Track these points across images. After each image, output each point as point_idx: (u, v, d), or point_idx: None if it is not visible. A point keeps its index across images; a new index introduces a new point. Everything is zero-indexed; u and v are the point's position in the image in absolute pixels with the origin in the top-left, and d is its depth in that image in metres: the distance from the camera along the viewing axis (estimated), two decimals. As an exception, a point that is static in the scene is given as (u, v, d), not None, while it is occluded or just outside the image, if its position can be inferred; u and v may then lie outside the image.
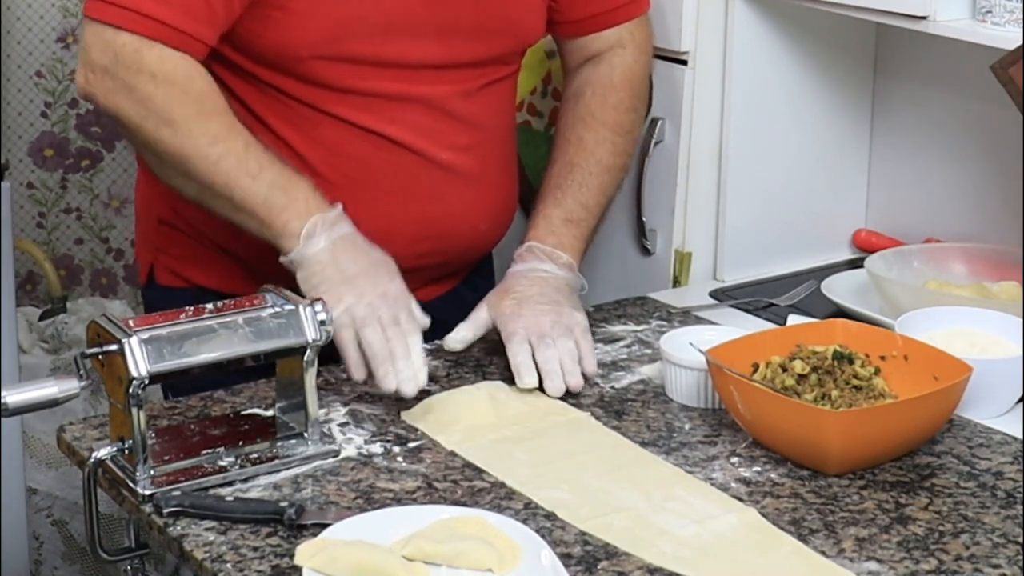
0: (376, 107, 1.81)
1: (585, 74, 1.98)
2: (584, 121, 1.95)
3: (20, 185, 3.19)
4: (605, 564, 1.39)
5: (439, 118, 1.84)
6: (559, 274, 1.86)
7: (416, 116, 1.83)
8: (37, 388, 1.47)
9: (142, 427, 1.49)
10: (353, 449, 1.61)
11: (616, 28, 1.98)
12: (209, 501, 1.47)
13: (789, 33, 2.19)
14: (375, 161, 1.83)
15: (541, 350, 1.74)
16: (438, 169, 1.85)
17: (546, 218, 1.90)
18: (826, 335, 1.70)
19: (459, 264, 1.98)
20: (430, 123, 1.84)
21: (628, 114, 1.98)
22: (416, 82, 1.81)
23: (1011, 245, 2.09)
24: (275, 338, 1.55)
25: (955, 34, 1.90)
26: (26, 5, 3.14)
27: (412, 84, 1.81)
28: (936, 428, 1.61)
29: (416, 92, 1.82)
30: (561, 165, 1.93)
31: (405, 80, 1.81)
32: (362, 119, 1.81)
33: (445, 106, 1.84)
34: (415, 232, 1.86)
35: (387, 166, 1.83)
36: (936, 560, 1.40)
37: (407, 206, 1.85)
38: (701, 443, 1.63)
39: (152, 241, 1.98)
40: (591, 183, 1.93)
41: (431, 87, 1.83)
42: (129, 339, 1.47)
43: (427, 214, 1.86)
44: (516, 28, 1.88)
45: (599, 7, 1.96)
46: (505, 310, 1.79)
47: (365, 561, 1.33)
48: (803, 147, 2.26)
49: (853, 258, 2.30)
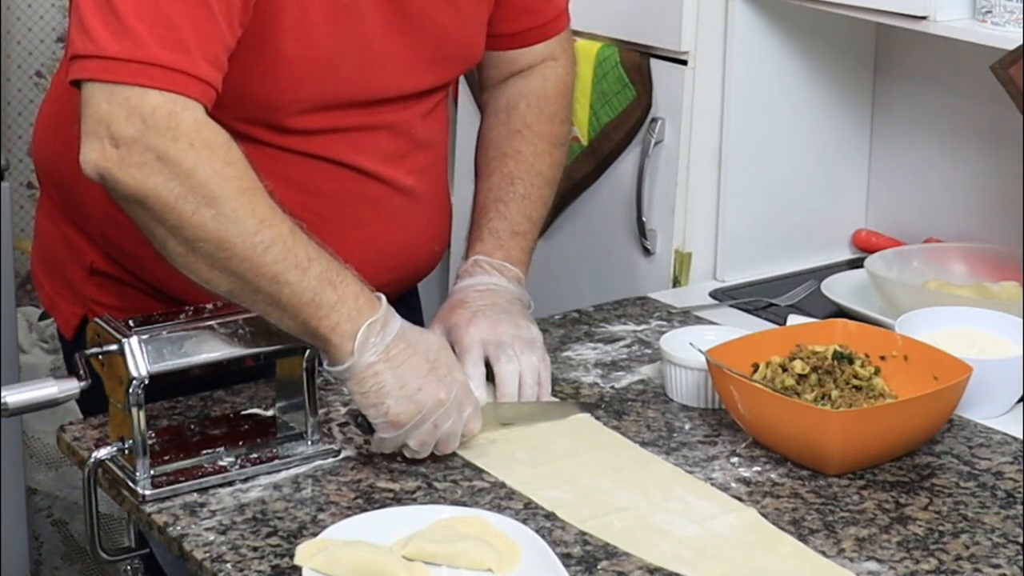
0: (344, 139, 1.72)
1: (516, 87, 1.92)
2: (521, 134, 1.89)
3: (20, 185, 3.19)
4: (605, 564, 1.39)
5: (403, 143, 1.78)
6: (509, 287, 1.81)
7: (383, 143, 1.75)
8: (37, 388, 1.47)
9: (142, 427, 1.49)
10: (353, 449, 1.61)
11: (547, 41, 1.92)
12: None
13: (789, 33, 2.19)
14: (344, 194, 1.74)
15: (502, 363, 1.69)
16: (401, 195, 1.79)
17: (492, 231, 1.84)
18: (826, 335, 1.70)
19: (410, 288, 1.93)
20: (395, 148, 1.77)
21: (563, 126, 1.94)
22: (383, 112, 1.74)
23: (1011, 245, 2.09)
24: (275, 338, 1.54)
25: (955, 34, 1.90)
26: (26, 5, 3.14)
27: (379, 115, 1.74)
28: (936, 428, 1.61)
29: (382, 120, 1.75)
30: (500, 177, 1.87)
31: (373, 113, 1.73)
32: (330, 152, 1.71)
33: (408, 130, 1.78)
34: (382, 262, 1.77)
35: (355, 198, 1.75)
36: (936, 560, 1.40)
37: (375, 236, 1.78)
38: (701, 443, 1.63)
39: (81, 293, 1.80)
40: (534, 195, 1.88)
41: (396, 114, 1.76)
42: (129, 339, 1.47)
43: (393, 242, 1.80)
44: (468, 51, 1.83)
45: (533, 21, 1.90)
46: (460, 320, 1.73)
47: (365, 561, 1.33)
48: (803, 147, 2.27)
49: (853, 258, 2.30)
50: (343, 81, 1.67)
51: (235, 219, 1.45)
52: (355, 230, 1.74)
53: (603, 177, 2.32)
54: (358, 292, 1.52)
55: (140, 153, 1.44)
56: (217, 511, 1.48)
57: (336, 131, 1.70)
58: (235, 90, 1.56)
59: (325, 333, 1.50)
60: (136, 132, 1.44)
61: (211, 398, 1.73)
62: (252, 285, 1.48)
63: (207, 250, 1.46)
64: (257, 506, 1.49)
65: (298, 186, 1.68)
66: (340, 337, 1.50)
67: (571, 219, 2.39)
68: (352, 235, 1.73)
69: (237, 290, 1.49)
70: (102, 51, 1.46)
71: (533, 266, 2.49)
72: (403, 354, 1.53)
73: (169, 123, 1.44)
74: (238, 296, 1.50)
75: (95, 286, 1.78)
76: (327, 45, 1.63)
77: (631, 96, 2.23)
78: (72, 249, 1.80)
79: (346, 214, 1.74)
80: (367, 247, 1.74)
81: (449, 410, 1.54)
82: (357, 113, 1.70)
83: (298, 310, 1.49)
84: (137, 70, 1.45)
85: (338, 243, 1.60)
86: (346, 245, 1.64)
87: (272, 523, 1.46)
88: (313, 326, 1.50)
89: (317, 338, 1.51)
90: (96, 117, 1.45)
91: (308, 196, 1.69)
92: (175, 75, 1.46)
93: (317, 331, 1.50)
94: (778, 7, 2.15)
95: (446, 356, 1.58)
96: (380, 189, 1.76)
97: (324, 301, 1.49)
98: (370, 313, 1.51)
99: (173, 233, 1.47)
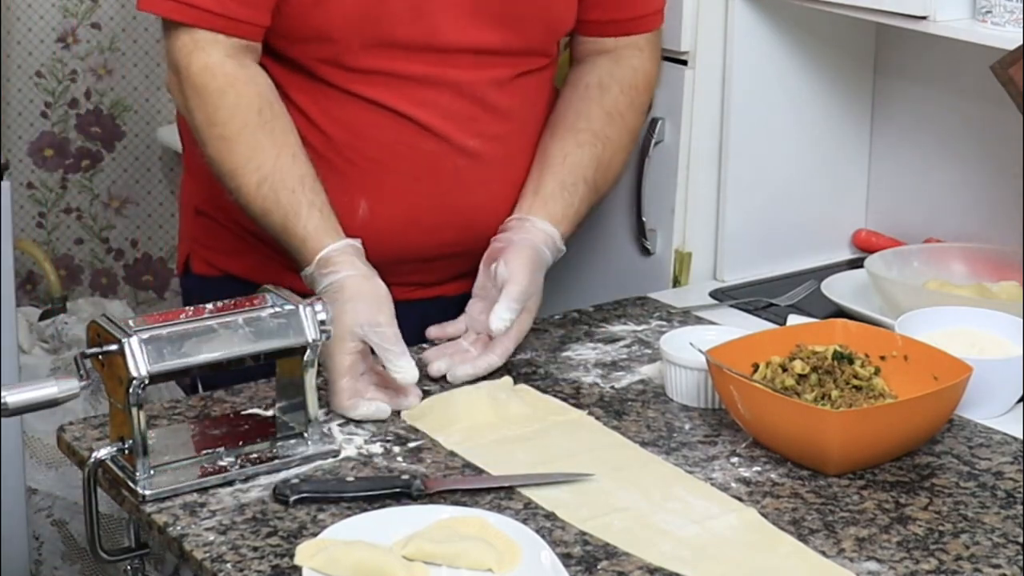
0: (405, 89, 1.80)
1: (606, 68, 1.96)
2: (612, 118, 1.95)
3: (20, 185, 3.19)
4: (605, 564, 1.39)
5: (469, 105, 1.83)
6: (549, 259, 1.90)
7: (446, 101, 1.81)
8: (37, 388, 1.47)
9: (142, 427, 1.49)
10: (353, 449, 1.61)
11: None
12: (331, 484, 1.50)
13: (789, 33, 2.19)
14: (399, 145, 1.81)
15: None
16: (464, 157, 1.84)
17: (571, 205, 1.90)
18: (826, 335, 1.70)
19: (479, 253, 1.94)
20: (459, 109, 1.82)
21: (643, 119, 2.03)
22: (447, 66, 1.80)
23: (1011, 245, 2.09)
24: (275, 338, 1.55)
25: (955, 34, 1.90)
26: (26, 5, 3.14)
27: (443, 68, 1.80)
28: (936, 428, 1.61)
29: (447, 76, 1.80)
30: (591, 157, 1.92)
31: (435, 64, 1.79)
32: (390, 100, 1.80)
33: (476, 92, 1.83)
34: (437, 221, 1.85)
35: (412, 151, 1.82)
36: (936, 560, 1.40)
37: (430, 193, 1.84)
38: (701, 443, 1.63)
39: (189, 231, 2.01)
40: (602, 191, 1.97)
41: (462, 72, 1.81)
42: (129, 339, 1.47)
43: (451, 203, 1.85)
44: (546, 15, 1.86)
45: (624, 13, 1.95)
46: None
47: (365, 561, 1.33)
48: (803, 147, 2.26)
49: (853, 258, 2.30)
50: (393, 17, 1.75)
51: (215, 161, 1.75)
52: (410, 182, 1.83)
53: (603, 177, 2.31)
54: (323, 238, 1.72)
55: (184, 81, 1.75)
56: (217, 511, 1.48)
57: (396, 77, 1.79)
58: (295, 23, 1.76)
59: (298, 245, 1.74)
60: (171, 68, 1.76)
61: (211, 398, 1.73)
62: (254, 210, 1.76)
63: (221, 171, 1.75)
64: (257, 506, 1.49)
65: (356, 131, 1.80)
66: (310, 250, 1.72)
67: (571, 219, 2.39)
68: (407, 186, 1.83)
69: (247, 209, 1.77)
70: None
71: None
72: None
73: (181, 63, 1.74)
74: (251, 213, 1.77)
75: (198, 226, 1.99)
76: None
77: (631, 96, 2.23)
78: (188, 193, 2.02)
79: (401, 165, 1.82)
80: (422, 202, 1.84)
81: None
82: (417, 61, 1.78)
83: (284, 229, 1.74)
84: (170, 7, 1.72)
85: (391, 192, 1.79)
86: (400, 196, 1.81)
87: (272, 523, 1.46)
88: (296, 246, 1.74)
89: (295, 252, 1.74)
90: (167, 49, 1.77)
91: (363, 140, 1.81)
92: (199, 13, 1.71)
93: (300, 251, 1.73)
94: (778, 7, 2.14)
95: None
96: (438, 145, 1.82)
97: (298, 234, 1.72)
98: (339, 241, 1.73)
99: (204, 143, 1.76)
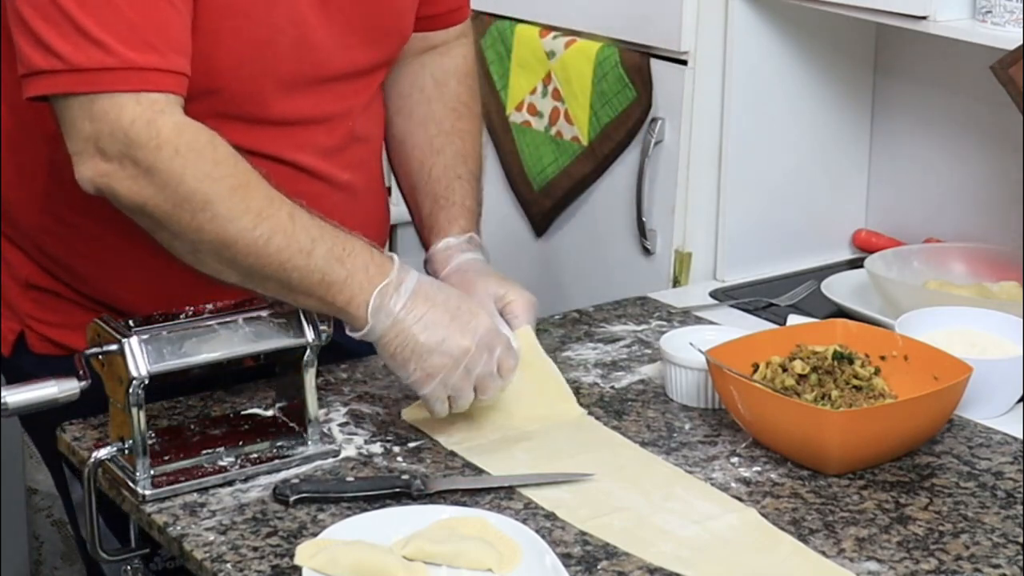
0: (285, 135, 1.70)
1: (437, 63, 1.91)
2: (459, 112, 1.90)
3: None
4: (605, 564, 1.39)
5: (340, 138, 1.75)
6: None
7: (322, 138, 1.72)
8: (37, 388, 1.47)
9: (142, 427, 1.49)
10: (353, 449, 1.61)
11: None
12: (331, 485, 1.49)
13: (789, 33, 2.19)
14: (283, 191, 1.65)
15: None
16: (339, 191, 1.76)
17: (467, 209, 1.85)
18: (826, 335, 1.70)
19: None
20: (333, 144, 1.74)
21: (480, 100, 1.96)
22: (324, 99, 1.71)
23: (1011, 245, 2.09)
24: (275, 338, 1.55)
25: (955, 34, 1.90)
26: (26, 5, 3.13)
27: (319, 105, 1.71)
28: (936, 428, 1.61)
29: (323, 111, 1.72)
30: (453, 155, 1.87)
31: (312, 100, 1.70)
32: (271, 148, 1.68)
33: (347, 123, 1.76)
34: None
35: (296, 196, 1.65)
36: (936, 560, 1.40)
37: None
38: (701, 443, 1.63)
39: (18, 308, 1.76)
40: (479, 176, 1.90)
41: (337, 102, 1.73)
42: (129, 339, 1.47)
43: None
44: (400, 24, 1.81)
45: (450, 3, 1.90)
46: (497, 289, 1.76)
47: (365, 561, 1.33)
48: (803, 147, 2.27)
49: (853, 258, 2.30)
50: (282, 57, 1.64)
51: (232, 218, 1.49)
52: None
53: (603, 177, 2.32)
54: (368, 262, 1.55)
55: (131, 167, 1.47)
56: (217, 511, 1.48)
57: (274, 124, 1.68)
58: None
59: (341, 306, 1.54)
60: (122, 147, 1.46)
61: (211, 398, 1.73)
62: (261, 275, 1.52)
63: (210, 249, 1.50)
64: (257, 506, 1.49)
65: None
66: (356, 308, 1.54)
67: (571, 219, 2.40)
68: None
69: (248, 281, 1.53)
70: (70, 64, 1.47)
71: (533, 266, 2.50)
72: (421, 309, 1.56)
73: (150, 133, 1.46)
74: (251, 285, 1.54)
75: (32, 301, 1.75)
76: (265, 21, 1.61)
77: (631, 96, 2.23)
78: (7, 264, 1.77)
79: None
80: None
81: (477, 354, 1.57)
82: (300, 99, 1.68)
83: (310, 291, 1.53)
84: (111, 77, 1.46)
85: None
86: None
87: (272, 523, 1.46)
88: (329, 301, 1.54)
89: (335, 311, 1.55)
90: (82, 136, 1.47)
91: None
92: (149, 74, 1.47)
93: (334, 305, 1.54)
94: (778, 7, 2.15)
95: (467, 303, 1.60)
96: (318, 186, 1.73)
97: (334, 279, 1.53)
98: (381, 278, 1.55)
99: (176, 237, 1.51)
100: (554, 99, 2.35)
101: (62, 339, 1.73)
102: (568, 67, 2.31)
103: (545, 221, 2.44)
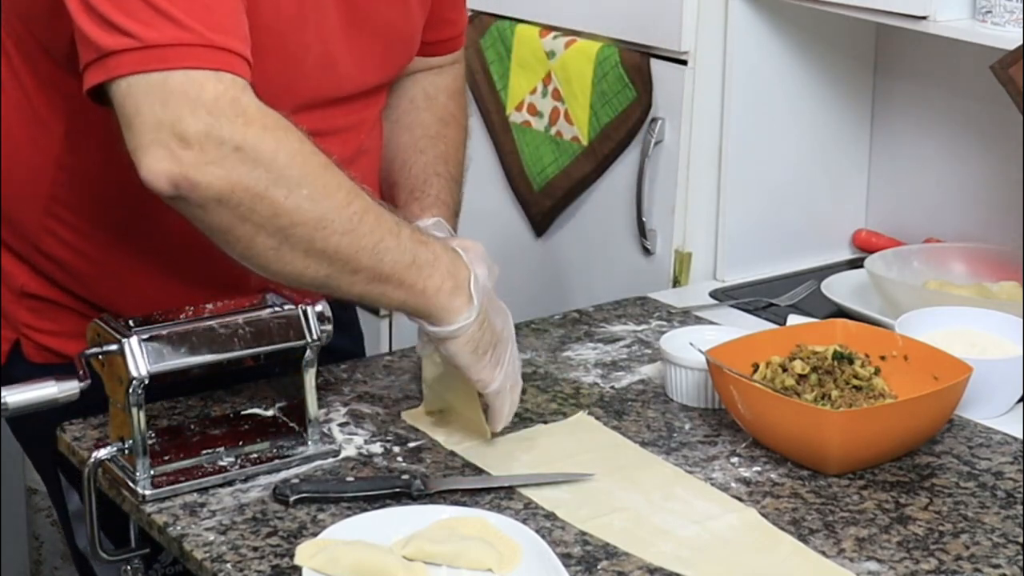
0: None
1: (430, 80, 1.92)
2: (446, 122, 1.91)
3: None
4: (605, 564, 1.39)
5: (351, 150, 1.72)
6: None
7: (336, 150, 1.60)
8: (37, 388, 1.47)
9: (142, 427, 1.49)
10: (353, 449, 1.61)
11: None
12: (331, 485, 1.49)
13: (789, 33, 2.19)
14: None
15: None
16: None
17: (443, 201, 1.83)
18: (826, 335, 1.70)
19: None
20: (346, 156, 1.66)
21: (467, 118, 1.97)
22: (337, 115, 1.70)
23: (1011, 245, 2.09)
24: (275, 338, 1.55)
25: (955, 34, 1.90)
26: (26, 5, 3.12)
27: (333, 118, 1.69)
28: (936, 428, 1.61)
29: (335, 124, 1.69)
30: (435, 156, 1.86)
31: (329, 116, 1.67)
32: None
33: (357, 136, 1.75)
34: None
35: None
36: (936, 560, 1.40)
37: None
38: (701, 443, 1.63)
39: (13, 317, 1.72)
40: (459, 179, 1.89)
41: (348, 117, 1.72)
42: (129, 339, 1.47)
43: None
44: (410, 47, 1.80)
45: (450, 32, 1.92)
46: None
47: (365, 561, 1.33)
48: (803, 147, 2.27)
49: (853, 258, 2.30)
50: (306, 75, 1.62)
51: (327, 194, 1.40)
52: None
53: (603, 177, 2.32)
54: (445, 245, 1.50)
55: (216, 148, 1.34)
56: (217, 511, 1.48)
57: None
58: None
59: (432, 294, 1.47)
60: (206, 126, 1.34)
61: (211, 398, 1.73)
62: (353, 262, 1.43)
63: (303, 234, 1.40)
64: (257, 506, 1.49)
65: None
66: (448, 296, 1.48)
67: (571, 219, 2.40)
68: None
69: (336, 272, 1.44)
70: (143, 41, 1.35)
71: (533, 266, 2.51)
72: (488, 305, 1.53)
73: (236, 110, 1.36)
74: (336, 280, 1.45)
75: (27, 310, 1.72)
76: (296, 40, 1.59)
77: (631, 96, 2.23)
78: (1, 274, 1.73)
79: None
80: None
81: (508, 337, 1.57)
82: (314, 116, 1.62)
83: (402, 276, 1.46)
84: (190, 53, 1.35)
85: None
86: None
87: (272, 523, 1.46)
88: (420, 289, 1.47)
89: (424, 300, 1.48)
90: (153, 123, 1.35)
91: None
92: (228, 55, 1.37)
93: (424, 293, 1.47)
94: (778, 7, 2.15)
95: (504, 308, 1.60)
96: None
97: (424, 261, 1.46)
98: (463, 264, 1.50)
99: (264, 226, 1.39)
100: (554, 99, 2.35)
101: (59, 347, 1.71)
102: (568, 67, 2.32)
103: (545, 221, 2.44)
